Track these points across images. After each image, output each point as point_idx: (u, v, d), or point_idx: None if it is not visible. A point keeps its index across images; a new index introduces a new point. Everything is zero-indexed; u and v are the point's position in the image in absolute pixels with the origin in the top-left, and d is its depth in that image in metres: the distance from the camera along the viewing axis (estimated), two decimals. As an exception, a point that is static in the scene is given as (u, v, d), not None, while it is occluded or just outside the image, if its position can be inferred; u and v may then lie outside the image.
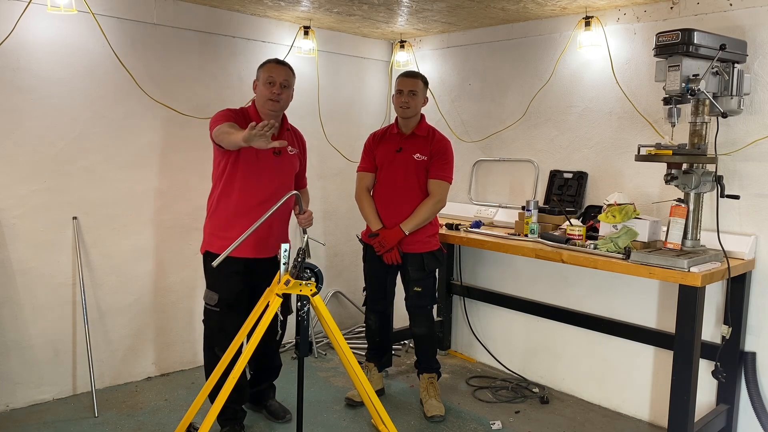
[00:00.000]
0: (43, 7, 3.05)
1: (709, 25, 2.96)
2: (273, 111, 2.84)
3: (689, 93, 2.53)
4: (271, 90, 2.80)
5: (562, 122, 3.67)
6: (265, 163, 2.84)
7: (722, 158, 2.94)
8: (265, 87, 2.80)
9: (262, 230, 2.68)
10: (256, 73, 2.90)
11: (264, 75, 2.82)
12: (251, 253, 2.84)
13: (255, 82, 2.88)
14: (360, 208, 3.37)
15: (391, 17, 3.82)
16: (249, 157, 2.80)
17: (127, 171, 3.48)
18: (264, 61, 2.91)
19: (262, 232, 2.73)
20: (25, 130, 3.12)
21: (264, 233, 2.78)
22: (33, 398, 3.26)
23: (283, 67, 2.87)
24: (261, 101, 2.84)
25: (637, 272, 2.67)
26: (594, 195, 3.51)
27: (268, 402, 3.20)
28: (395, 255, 3.21)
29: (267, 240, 2.87)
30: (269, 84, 2.80)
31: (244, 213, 2.80)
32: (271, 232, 2.87)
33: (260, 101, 2.85)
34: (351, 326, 4.63)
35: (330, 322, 2.57)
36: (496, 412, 3.36)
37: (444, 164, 3.25)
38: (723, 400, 2.97)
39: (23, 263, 3.18)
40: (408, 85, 3.22)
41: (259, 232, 2.67)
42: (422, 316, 3.35)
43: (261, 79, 2.83)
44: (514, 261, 3.88)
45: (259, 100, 2.85)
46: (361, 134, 4.37)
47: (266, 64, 2.88)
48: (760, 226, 2.90)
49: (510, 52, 3.93)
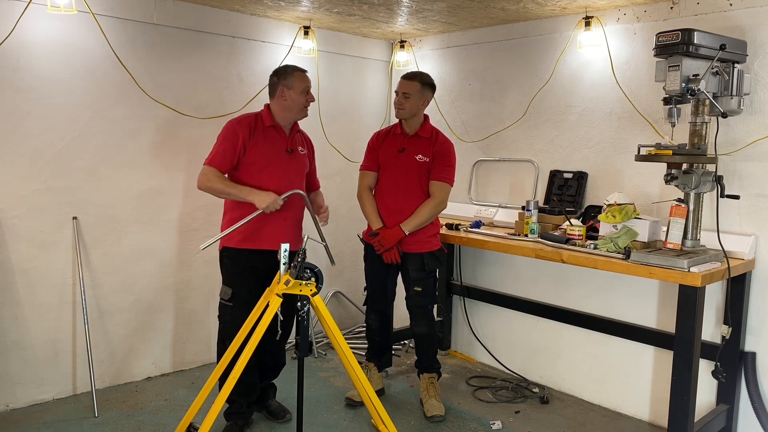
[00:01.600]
0: (43, 7, 3.04)
1: (709, 25, 2.96)
2: (305, 117, 3.00)
3: (689, 93, 2.53)
4: (307, 99, 2.95)
5: (562, 122, 3.67)
6: (279, 160, 2.93)
7: (722, 158, 2.94)
8: (302, 95, 2.92)
9: (278, 225, 2.90)
10: (283, 79, 2.91)
11: (300, 84, 2.91)
12: (268, 245, 2.86)
13: (282, 88, 2.91)
14: (361, 207, 3.37)
15: (391, 17, 3.82)
16: (262, 154, 2.89)
17: (127, 171, 3.48)
18: (292, 67, 2.96)
19: (278, 227, 2.91)
20: (25, 130, 3.12)
21: (280, 228, 2.91)
22: (33, 398, 3.26)
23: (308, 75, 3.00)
24: (296, 108, 2.94)
25: (637, 272, 2.67)
26: (594, 195, 3.51)
27: (268, 402, 3.20)
28: (394, 254, 3.21)
29: (283, 235, 2.91)
30: (304, 94, 2.93)
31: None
32: (287, 228, 2.97)
33: (294, 108, 2.93)
34: (351, 326, 4.63)
35: (330, 322, 2.57)
36: (496, 412, 3.36)
37: (446, 166, 3.25)
38: (723, 400, 2.97)
39: (23, 263, 3.18)
40: (402, 87, 3.22)
41: (276, 227, 2.88)
42: (423, 316, 3.35)
43: (296, 87, 2.90)
44: (514, 261, 3.88)
45: (293, 107, 2.93)
46: (362, 134, 4.38)
47: (298, 72, 2.94)
48: (760, 226, 2.90)
49: (510, 52, 3.93)
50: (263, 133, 2.92)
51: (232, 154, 2.84)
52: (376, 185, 3.35)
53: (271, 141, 2.93)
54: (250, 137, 2.87)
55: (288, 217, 2.96)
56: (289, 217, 2.97)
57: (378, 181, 3.34)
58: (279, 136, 2.96)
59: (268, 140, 2.92)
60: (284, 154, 2.96)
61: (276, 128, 2.95)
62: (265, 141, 2.91)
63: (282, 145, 2.96)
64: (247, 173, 2.88)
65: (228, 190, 2.81)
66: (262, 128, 2.92)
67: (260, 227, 2.87)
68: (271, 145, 2.93)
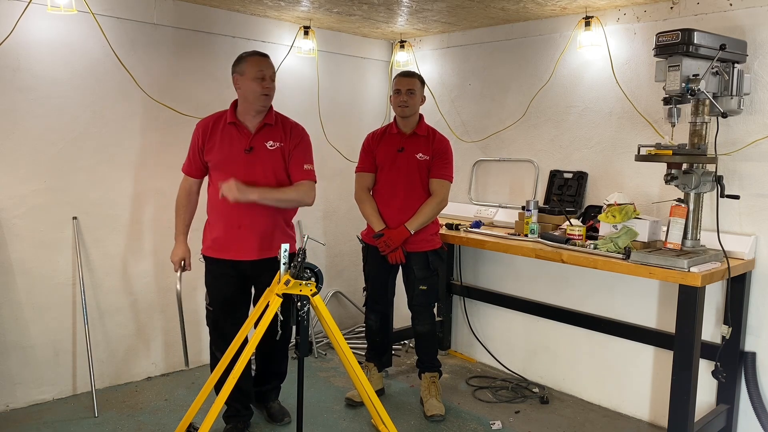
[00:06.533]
0: (43, 7, 3.04)
1: (709, 25, 2.96)
2: (264, 106, 2.80)
3: (689, 93, 2.53)
4: (263, 85, 2.74)
5: (562, 122, 3.67)
6: (235, 160, 2.79)
7: (722, 158, 2.94)
8: (255, 82, 2.72)
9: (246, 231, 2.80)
10: (236, 66, 2.79)
11: (252, 69, 2.73)
12: (234, 255, 2.84)
13: (235, 76, 2.77)
14: (361, 209, 3.36)
15: (391, 17, 3.82)
16: (217, 154, 2.82)
17: (127, 171, 3.48)
18: (246, 53, 2.81)
19: (246, 233, 2.80)
20: (25, 130, 3.12)
21: (247, 234, 2.81)
22: (33, 398, 3.26)
23: (268, 59, 2.82)
24: (251, 97, 2.74)
25: (637, 272, 2.67)
26: (594, 195, 3.51)
27: (269, 404, 3.20)
28: (400, 255, 3.21)
29: (256, 242, 2.83)
30: (258, 79, 2.73)
31: (219, 212, 2.85)
32: (257, 234, 2.82)
33: (250, 97, 2.75)
34: (351, 326, 4.63)
35: (330, 322, 2.57)
36: (496, 412, 3.36)
37: (445, 163, 3.26)
38: (723, 400, 2.97)
39: (23, 263, 3.18)
40: (406, 84, 3.22)
41: (243, 233, 2.80)
42: (426, 314, 3.37)
43: (247, 73, 2.73)
44: (514, 261, 3.88)
45: (248, 96, 2.75)
46: (361, 134, 4.35)
47: (252, 57, 2.77)
48: (760, 226, 2.90)
49: (510, 52, 3.93)
50: (221, 133, 2.80)
51: (193, 156, 2.87)
52: (374, 186, 3.35)
53: (228, 140, 2.79)
54: (206, 138, 2.81)
55: (243, 225, 2.80)
56: (244, 225, 2.80)
57: (376, 182, 3.34)
58: (239, 133, 2.80)
59: (225, 139, 2.79)
60: (242, 153, 2.78)
61: (237, 125, 2.79)
62: (222, 140, 2.79)
63: (241, 144, 2.78)
64: (211, 176, 2.88)
65: (176, 211, 2.98)
66: (222, 126, 2.80)
67: (220, 236, 2.85)
68: (229, 144, 2.78)
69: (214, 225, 2.88)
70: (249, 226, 2.80)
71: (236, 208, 2.74)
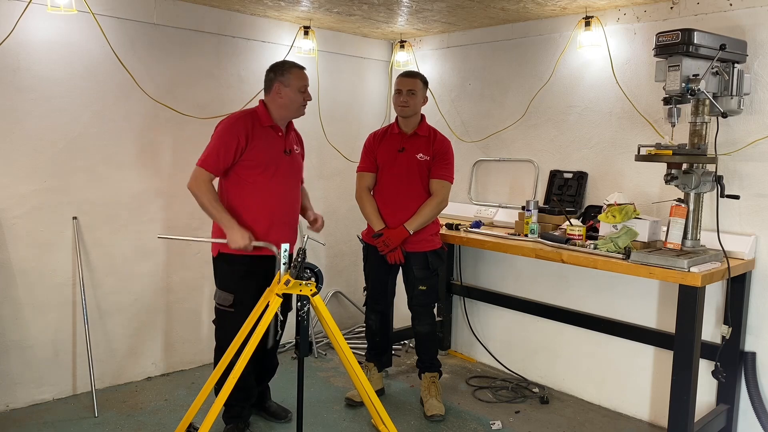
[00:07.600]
0: (43, 7, 3.04)
1: (709, 25, 2.96)
2: (301, 115, 2.96)
3: (689, 93, 2.53)
4: (305, 97, 2.90)
5: (562, 122, 3.67)
6: (279, 162, 2.88)
7: (722, 158, 2.94)
8: (299, 94, 2.88)
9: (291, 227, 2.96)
10: (279, 75, 2.85)
11: (298, 82, 2.86)
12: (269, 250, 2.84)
13: (278, 84, 2.85)
14: (361, 209, 3.36)
15: (391, 17, 3.82)
16: (262, 156, 2.82)
17: (127, 171, 3.48)
18: (290, 64, 2.91)
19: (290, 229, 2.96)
20: (25, 130, 3.12)
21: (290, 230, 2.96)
22: (33, 398, 3.26)
23: (306, 72, 2.96)
24: (293, 107, 2.89)
25: (637, 272, 2.67)
26: (594, 195, 3.51)
27: (266, 403, 3.19)
28: (398, 254, 3.21)
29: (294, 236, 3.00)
30: (301, 92, 2.88)
31: (267, 209, 2.84)
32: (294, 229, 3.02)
33: (291, 107, 2.88)
34: (351, 326, 4.63)
35: (330, 322, 2.57)
36: (496, 412, 3.36)
37: (446, 164, 3.26)
38: (723, 400, 2.97)
39: (23, 263, 3.18)
40: (407, 85, 3.22)
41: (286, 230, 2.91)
42: (426, 314, 3.37)
43: (293, 85, 2.85)
44: (514, 261, 3.88)
45: (289, 106, 2.88)
46: (361, 134, 4.37)
47: (296, 69, 2.89)
48: (760, 226, 2.90)
49: (510, 52, 3.93)
50: (262, 133, 2.83)
51: (226, 155, 2.74)
52: (375, 186, 3.35)
53: (270, 142, 2.85)
54: (250, 138, 2.78)
55: (286, 222, 2.95)
56: (287, 221, 2.96)
57: (377, 182, 3.34)
58: (277, 136, 2.89)
59: (267, 141, 2.85)
60: (283, 155, 2.90)
61: (274, 128, 2.88)
62: (264, 142, 2.84)
63: (280, 146, 2.89)
64: (247, 175, 2.81)
65: (210, 210, 2.73)
66: (260, 128, 2.84)
67: (262, 233, 2.81)
68: (270, 146, 2.86)
69: (255, 223, 2.82)
70: (292, 222, 3.01)
71: (286, 204, 2.94)
